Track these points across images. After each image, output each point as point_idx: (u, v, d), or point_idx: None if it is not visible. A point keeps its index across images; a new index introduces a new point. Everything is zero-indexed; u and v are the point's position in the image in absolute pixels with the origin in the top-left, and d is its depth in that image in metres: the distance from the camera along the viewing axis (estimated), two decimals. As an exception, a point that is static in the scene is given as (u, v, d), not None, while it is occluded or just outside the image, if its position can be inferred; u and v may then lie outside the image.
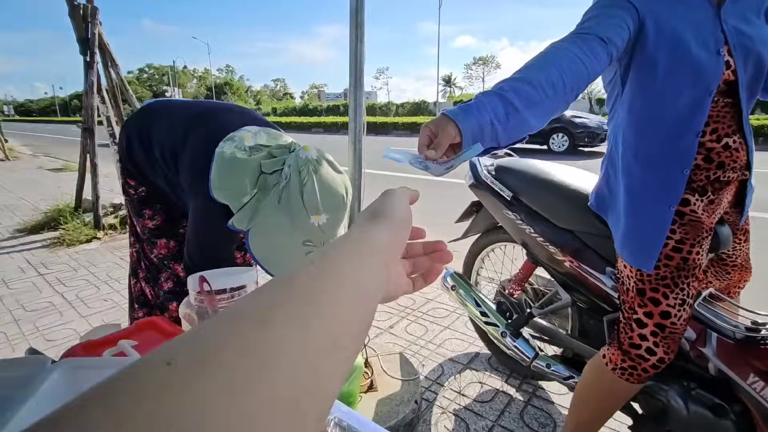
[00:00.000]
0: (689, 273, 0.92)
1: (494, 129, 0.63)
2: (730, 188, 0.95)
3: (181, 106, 1.14)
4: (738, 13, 0.88)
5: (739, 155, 0.90)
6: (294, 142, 1.05)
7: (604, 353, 1.03)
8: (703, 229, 0.92)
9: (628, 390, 1.01)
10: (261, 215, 0.96)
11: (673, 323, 0.93)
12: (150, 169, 1.11)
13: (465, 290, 1.53)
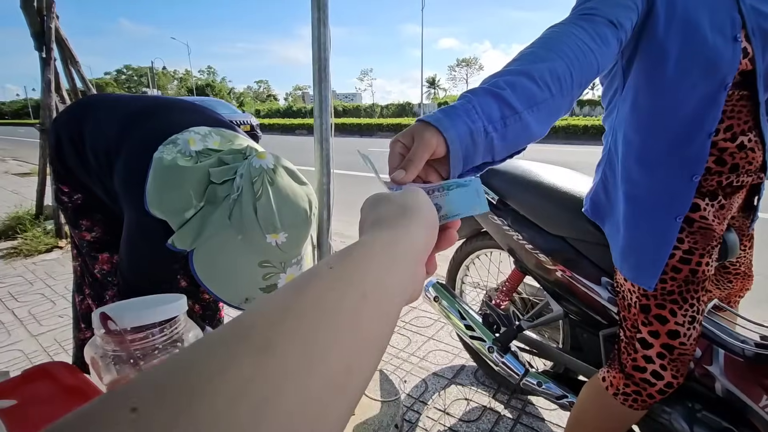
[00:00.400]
0: (698, 286, 0.82)
1: (489, 138, 0.46)
2: (741, 192, 0.85)
3: (122, 100, 0.99)
4: None
5: (755, 156, 0.80)
6: (250, 146, 0.91)
7: (604, 376, 0.93)
8: (713, 237, 0.81)
9: (630, 416, 0.90)
10: (207, 233, 0.82)
11: (682, 343, 0.82)
12: (84, 174, 0.96)
13: (449, 301, 1.42)
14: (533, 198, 1.13)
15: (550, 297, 1.22)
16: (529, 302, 1.41)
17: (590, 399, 0.95)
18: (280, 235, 0.82)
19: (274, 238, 0.82)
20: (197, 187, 0.82)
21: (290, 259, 0.88)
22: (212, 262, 0.81)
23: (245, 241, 0.82)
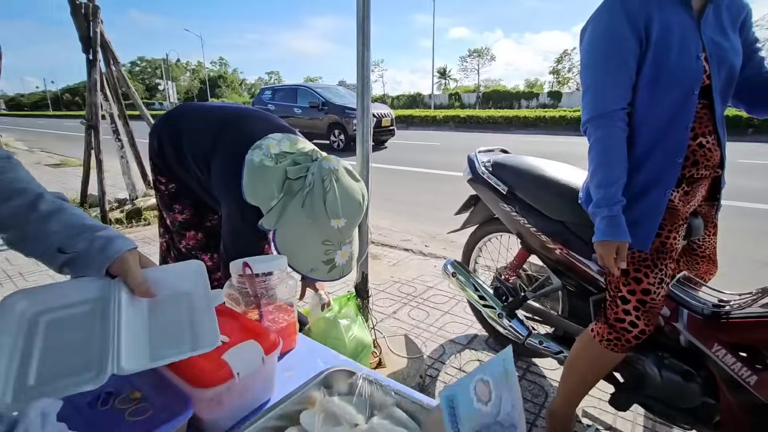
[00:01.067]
0: (666, 256, 1.05)
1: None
2: (704, 183, 1.08)
3: (209, 110, 1.24)
4: (715, 25, 1.00)
5: (712, 155, 1.03)
6: (314, 150, 1.16)
7: (593, 328, 1.16)
8: (679, 217, 1.04)
9: (612, 359, 1.14)
10: (286, 217, 1.07)
11: (653, 299, 1.06)
12: (182, 169, 1.21)
13: (464, 276, 1.66)
14: (537, 189, 1.36)
15: (551, 272, 1.46)
16: (533, 277, 1.64)
17: (581, 347, 1.19)
18: (341, 221, 1.07)
19: (336, 223, 1.06)
20: (278, 182, 1.07)
21: (345, 239, 1.12)
22: (288, 239, 1.06)
23: (314, 225, 1.06)
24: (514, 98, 43.57)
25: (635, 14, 0.96)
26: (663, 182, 1.03)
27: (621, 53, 0.98)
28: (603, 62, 1.02)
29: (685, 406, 1.16)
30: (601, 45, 1.02)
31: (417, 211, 4.41)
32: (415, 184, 5.87)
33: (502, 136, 14.26)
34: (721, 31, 1.01)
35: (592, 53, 1.04)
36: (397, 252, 3.10)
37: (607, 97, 1.02)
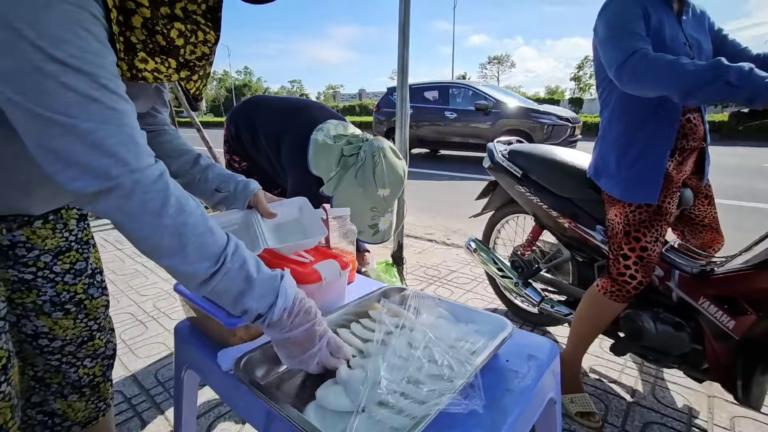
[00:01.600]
0: (662, 218, 1.26)
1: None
2: (693, 155, 1.29)
3: (277, 101, 1.53)
4: (691, 23, 1.25)
5: (698, 129, 1.26)
6: (364, 133, 1.42)
7: (597, 283, 1.37)
8: (672, 183, 1.25)
9: (614, 309, 1.35)
10: (342, 186, 1.33)
11: (649, 255, 1.27)
12: (254, 149, 1.49)
13: (485, 252, 1.89)
14: (548, 171, 1.58)
15: (562, 245, 1.67)
16: (546, 252, 1.85)
17: (588, 300, 1.40)
18: (386, 190, 1.32)
19: (382, 192, 1.32)
20: (336, 157, 1.33)
21: (388, 208, 1.38)
22: (343, 204, 1.32)
23: (364, 193, 1.32)
24: (535, 105, 43.23)
25: (641, 5, 1.16)
26: (662, 142, 1.23)
27: (636, 23, 1.14)
28: (622, 25, 1.14)
29: (676, 353, 1.35)
30: (621, 15, 1.16)
31: (438, 209, 4.64)
32: (435, 184, 6.11)
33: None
34: (695, 28, 1.26)
35: (615, 18, 1.17)
36: (421, 242, 3.33)
37: (633, 39, 1.10)
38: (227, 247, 0.61)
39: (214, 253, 0.59)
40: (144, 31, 0.60)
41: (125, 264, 2.76)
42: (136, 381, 1.59)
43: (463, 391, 0.65)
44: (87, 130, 0.49)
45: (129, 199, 0.53)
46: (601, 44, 1.20)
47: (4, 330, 0.71)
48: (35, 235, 0.80)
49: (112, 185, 0.52)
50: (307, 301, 0.69)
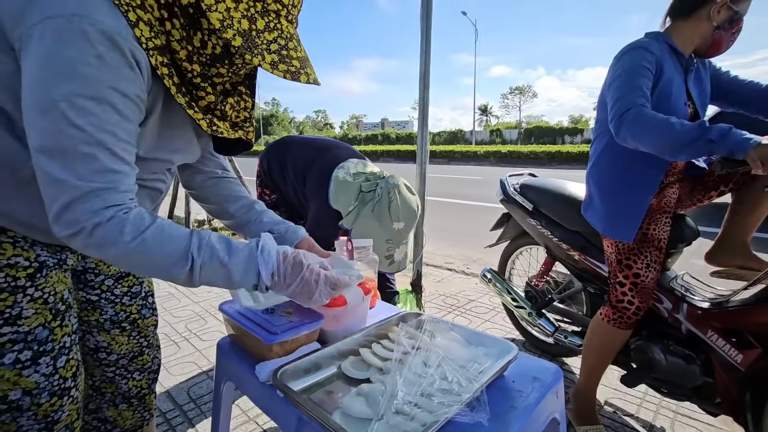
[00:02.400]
0: (650, 244, 1.33)
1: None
2: (674, 186, 1.37)
3: (306, 141, 1.70)
4: (695, 80, 1.35)
5: (678, 164, 1.35)
6: (381, 171, 1.56)
7: (601, 311, 1.44)
8: (653, 211, 1.33)
9: (619, 335, 1.40)
10: (360, 219, 1.46)
11: (642, 281, 1.34)
12: (283, 182, 1.65)
13: (500, 282, 1.96)
14: (557, 204, 1.67)
15: (574, 276, 1.74)
16: (559, 282, 1.92)
17: (593, 328, 1.46)
18: (401, 224, 1.44)
19: (397, 225, 1.44)
20: (355, 193, 1.47)
21: (403, 240, 1.49)
22: (362, 236, 1.44)
23: (381, 226, 1.44)
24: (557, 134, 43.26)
25: (656, 60, 1.25)
26: (644, 190, 1.31)
27: (645, 77, 1.22)
28: (628, 79, 1.22)
29: (689, 385, 1.38)
30: (632, 68, 1.23)
31: (458, 238, 4.72)
32: (457, 213, 6.20)
33: (544, 171, 14.32)
34: (698, 86, 1.35)
35: (624, 71, 1.24)
36: (441, 271, 3.41)
37: (637, 95, 1.19)
38: (191, 245, 0.67)
39: (180, 255, 0.66)
40: (205, 109, 0.78)
41: (159, 286, 2.93)
42: (170, 397, 1.71)
43: (470, 404, 0.74)
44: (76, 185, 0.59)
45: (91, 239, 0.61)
46: (610, 89, 1.28)
47: (75, 342, 0.84)
48: (102, 263, 0.95)
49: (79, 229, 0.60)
50: (294, 256, 0.76)
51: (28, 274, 0.74)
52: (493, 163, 19.04)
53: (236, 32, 0.66)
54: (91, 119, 0.59)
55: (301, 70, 0.72)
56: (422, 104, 1.98)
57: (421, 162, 1.96)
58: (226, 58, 0.73)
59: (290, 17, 0.74)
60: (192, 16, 0.67)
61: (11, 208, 0.69)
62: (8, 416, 0.73)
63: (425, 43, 1.98)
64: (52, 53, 0.56)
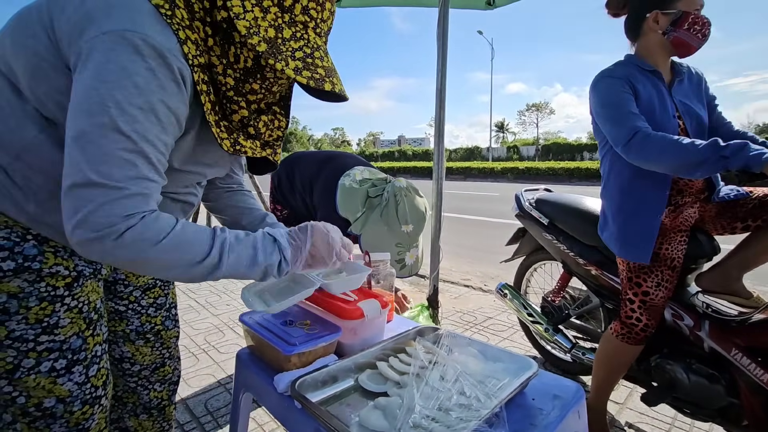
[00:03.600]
0: (662, 263, 1.32)
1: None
2: (691, 206, 1.35)
3: (313, 154, 1.74)
4: (683, 92, 1.36)
5: (693, 184, 1.34)
6: (388, 176, 1.59)
7: (611, 326, 1.43)
8: (666, 230, 1.31)
9: (628, 351, 1.38)
10: (368, 224, 1.48)
11: (651, 299, 1.32)
12: (292, 196, 1.69)
13: (516, 297, 1.95)
14: (573, 219, 1.66)
15: (591, 292, 1.71)
16: (576, 298, 1.89)
17: (603, 343, 1.44)
18: (410, 227, 1.46)
19: (406, 228, 1.45)
20: (362, 199, 1.49)
21: (412, 243, 1.50)
22: (370, 242, 1.46)
23: (389, 230, 1.46)
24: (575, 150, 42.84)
25: (626, 81, 1.29)
26: (653, 209, 1.31)
27: (629, 102, 1.26)
28: (616, 105, 1.26)
29: (713, 406, 1.33)
30: (611, 96, 1.28)
31: (475, 254, 4.69)
32: (474, 230, 6.18)
33: (563, 187, 14.17)
34: (687, 95, 1.36)
35: (607, 100, 1.29)
36: (458, 287, 3.38)
37: (632, 120, 1.22)
38: (216, 231, 0.70)
39: (207, 240, 0.68)
40: (239, 125, 0.81)
41: (179, 299, 2.99)
42: (188, 409, 1.73)
43: (489, 420, 0.74)
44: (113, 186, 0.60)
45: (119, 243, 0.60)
46: (599, 119, 1.33)
47: (105, 351, 0.87)
48: (132, 274, 0.98)
49: (107, 233, 0.60)
50: (298, 227, 0.81)
51: (66, 284, 0.77)
52: (510, 180, 18.93)
53: (261, 39, 0.68)
54: (136, 127, 0.61)
55: (326, 78, 0.73)
56: (438, 121, 2.01)
57: (438, 178, 1.99)
58: (258, 71, 0.75)
59: (318, 30, 0.76)
60: (226, 30, 0.70)
61: (55, 219, 0.70)
62: (42, 423, 0.76)
63: (441, 62, 2.02)
64: (105, 63, 0.59)
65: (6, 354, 0.71)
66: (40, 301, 0.73)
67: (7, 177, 0.69)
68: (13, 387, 0.72)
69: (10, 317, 0.70)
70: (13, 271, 0.70)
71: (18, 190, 0.70)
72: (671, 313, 1.42)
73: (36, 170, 0.69)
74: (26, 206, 0.71)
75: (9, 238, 0.70)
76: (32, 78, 0.65)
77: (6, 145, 0.68)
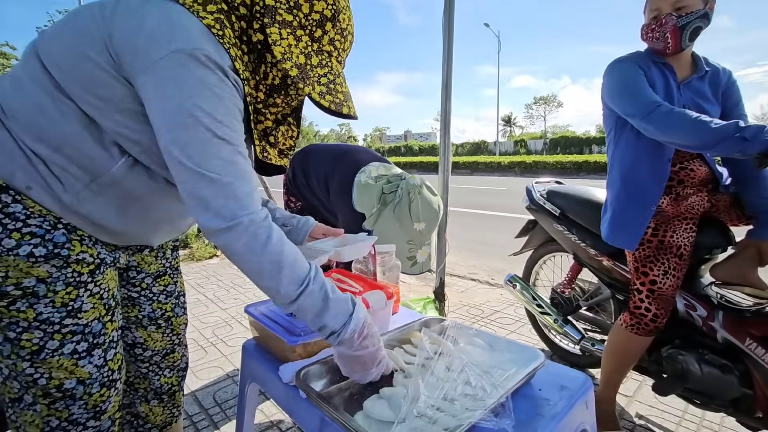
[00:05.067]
0: (668, 252, 1.30)
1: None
2: (696, 196, 1.32)
3: (327, 148, 1.72)
4: (695, 90, 1.32)
5: (696, 173, 1.31)
6: (403, 172, 1.57)
7: (621, 318, 1.41)
8: (668, 217, 1.30)
9: (637, 342, 1.36)
10: (381, 220, 1.47)
11: (659, 288, 1.30)
12: (307, 190, 1.68)
13: (525, 288, 1.93)
14: (585, 210, 1.63)
15: (601, 283, 1.69)
16: (586, 290, 1.86)
17: (613, 335, 1.43)
18: (422, 224, 1.44)
19: (418, 226, 1.44)
20: (377, 195, 1.48)
21: (424, 241, 1.49)
22: (383, 238, 1.44)
23: (401, 227, 1.44)
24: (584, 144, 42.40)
25: (639, 66, 1.29)
26: (647, 198, 1.30)
27: (645, 83, 1.26)
28: (633, 84, 1.26)
29: (725, 397, 1.31)
30: (628, 76, 1.29)
31: (481, 248, 4.66)
32: (480, 224, 6.14)
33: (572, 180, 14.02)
34: (701, 95, 1.32)
35: (624, 80, 1.30)
36: (465, 281, 3.37)
37: (651, 95, 1.23)
38: (310, 272, 0.75)
39: (301, 277, 0.73)
40: (262, 134, 0.88)
41: (188, 294, 3.01)
42: (197, 400, 1.74)
43: (495, 410, 0.73)
44: (227, 183, 0.68)
45: (244, 234, 0.69)
46: (616, 99, 1.32)
47: (120, 338, 0.89)
48: (144, 261, 1.00)
49: (235, 223, 0.68)
50: (374, 327, 0.81)
51: (89, 270, 0.80)
52: (517, 174, 18.78)
53: (293, 64, 0.76)
54: (226, 131, 0.68)
55: (344, 103, 0.83)
56: (444, 113, 1.98)
57: (444, 170, 1.97)
58: (283, 89, 0.83)
59: (340, 59, 0.86)
60: (260, 50, 0.79)
61: (88, 209, 0.77)
62: (62, 404, 0.78)
63: (447, 51, 1.99)
64: (183, 79, 0.65)
65: (32, 335, 0.74)
66: (66, 285, 0.76)
67: (46, 168, 0.73)
68: (35, 369, 0.75)
69: (38, 300, 0.74)
70: (44, 257, 0.73)
71: (56, 180, 0.74)
72: (684, 303, 1.40)
73: (75, 164, 0.73)
74: (62, 196, 0.74)
75: (41, 226, 0.74)
76: (86, 83, 0.69)
77: (47, 137, 0.72)
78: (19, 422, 0.79)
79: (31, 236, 0.72)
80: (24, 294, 0.72)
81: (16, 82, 0.73)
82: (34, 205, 0.73)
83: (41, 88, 0.71)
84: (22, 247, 0.71)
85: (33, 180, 0.73)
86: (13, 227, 0.71)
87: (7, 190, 0.72)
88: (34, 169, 0.72)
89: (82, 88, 0.69)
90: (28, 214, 0.73)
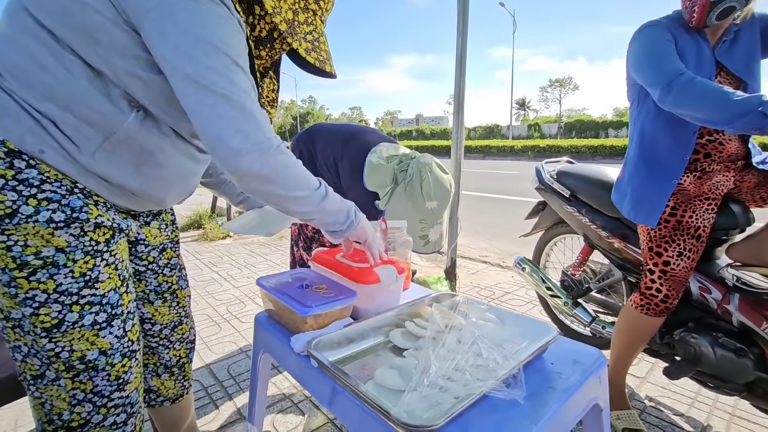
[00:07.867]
0: (684, 232, 1.26)
1: None
2: (722, 173, 1.28)
3: (334, 128, 1.70)
4: (729, 52, 1.24)
5: (725, 147, 1.25)
6: (413, 151, 1.55)
7: (631, 298, 1.39)
8: (689, 196, 1.26)
9: (647, 323, 1.35)
10: (393, 200, 1.46)
11: (672, 269, 1.28)
12: (314, 172, 1.67)
13: (535, 271, 1.92)
14: (596, 191, 1.60)
15: (613, 265, 1.67)
16: (597, 272, 1.85)
17: (623, 315, 1.41)
18: (434, 203, 1.43)
19: (430, 204, 1.43)
20: (389, 175, 1.47)
21: (436, 219, 1.48)
22: (396, 217, 1.44)
23: (413, 206, 1.44)
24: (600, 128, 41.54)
25: (669, 30, 1.22)
26: (669, 172, 1.26)
27: (671, 47, 1.20)
28: (659, 51, 1.20)
29: (739, 380, 1.30)
30: (655, 43, 1.22)
31: (493, 232, 4.64)
32: (492, 208, 6.10)
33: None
34: (736, 57, 1.23)
35: (649, 47, 1.22)
36: (476, 263, 3.36)
37: (676, 63, 1.16)
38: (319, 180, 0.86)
39: (315, 183, 0.84)
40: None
41: (203, 272, 3.07)
42: (212, 373, 1.79)
43: (506, 381, 0.73)
44: (249, 108, 0.71)
45: (278, 152, 0.74)
46: (638, 67, 1.25)
47: (136, 309, 0.90)
48: (150, 234, 1.00)
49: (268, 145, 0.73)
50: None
51: (105, 240, 0.79)
52: (531, 158, 18.51)
53: (283, 19, 0.81)
54: (240, 60, 0.71)
55: (326, 61, 0.89)
56: (458, 89, 1.95)
57: (456, 148, 1.94)
58: (268, 42, 0.87)
59: (323, 18, 0.90)
60: (249, 2, 0.81)
61: (105, 169, 0.76)
62: (86, 376, 0.78)
63: (462, 28, 1.94)
64: (195, 10, 0.67)
65: (50, 309, 0.73)
66: (85, 254, 0.76)
67: (57, 129, 0.71)
68: (54, 344, 0.75)
69: (59, 270, 0.73)
70: (64, 222, 0.73)
71: (68, 141, 0.72)
72: (698, 285, 1.37)
73: (85, 121, 0.72)
74: (78, 157, 0.74)
75: (57, 191, 0.73)
76: (83, 30, 0.68)
77: (54, 96, 0.70)
78: (44, 398, 0.79)
79: (48, 201, 0.71)
80: (45, 264, 0.72)
81: (5, 40, 0.69)
82: (49, 169, 0.72)
83: (39, 43, 0.68)
84: (41, 213, 0.70)
85: (45, 143, 0.71)
86: (28, 193, 0.70)
87: (20, 155, 0.70)
88: (44, 131, 0.70)
89: (81, 35, 0.67)
90: (43, 179, 0.71)
